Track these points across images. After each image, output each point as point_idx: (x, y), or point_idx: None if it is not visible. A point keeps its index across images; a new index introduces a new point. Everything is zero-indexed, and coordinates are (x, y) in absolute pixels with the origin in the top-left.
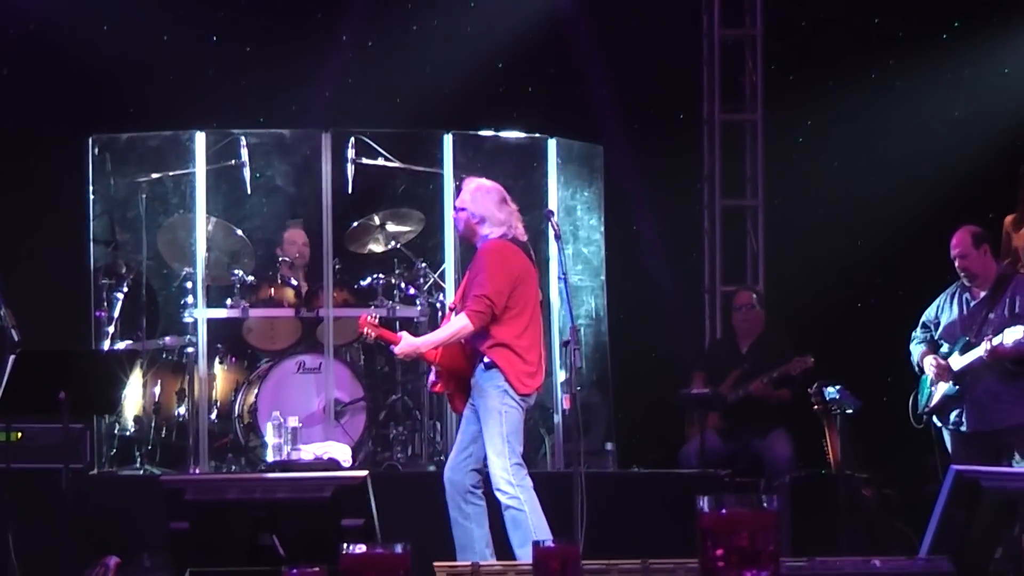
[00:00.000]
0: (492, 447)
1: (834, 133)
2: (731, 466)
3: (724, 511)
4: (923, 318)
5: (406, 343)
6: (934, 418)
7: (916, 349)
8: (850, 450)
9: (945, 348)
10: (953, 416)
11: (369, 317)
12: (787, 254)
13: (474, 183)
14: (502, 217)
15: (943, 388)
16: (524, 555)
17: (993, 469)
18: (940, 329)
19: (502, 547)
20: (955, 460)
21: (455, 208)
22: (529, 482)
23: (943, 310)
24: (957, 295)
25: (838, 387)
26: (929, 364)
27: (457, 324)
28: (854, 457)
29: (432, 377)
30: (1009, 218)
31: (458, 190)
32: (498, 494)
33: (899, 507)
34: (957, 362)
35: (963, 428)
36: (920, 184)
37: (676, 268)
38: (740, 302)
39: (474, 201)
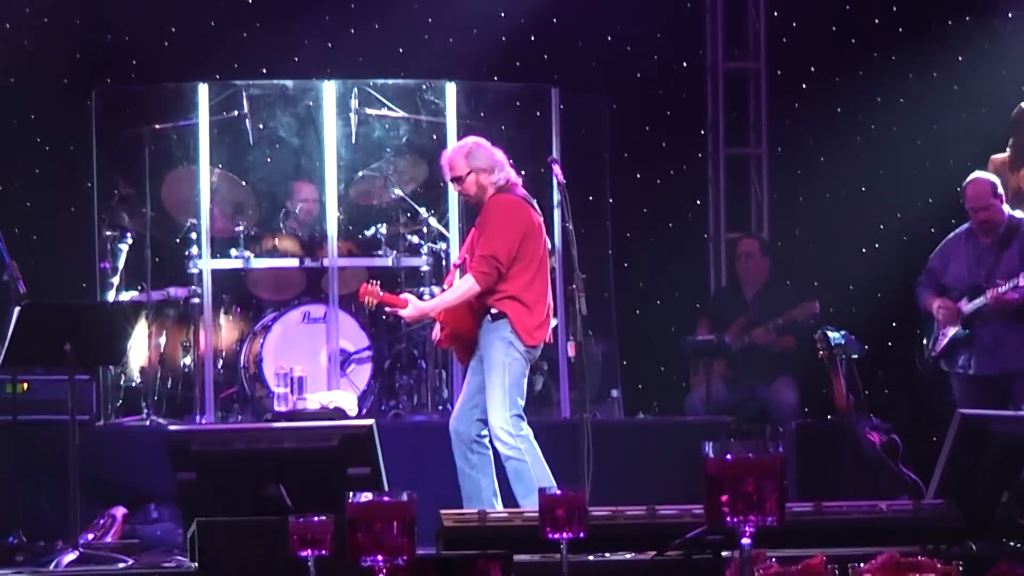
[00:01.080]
0: (492, 398)
1: (838, 80)
2: (737, 413)
3: (729, 457)
4: (929, 263)
5: (413, 307)
6: (941, 362)
7: (923, 293)
8: (855, 396)
9: (954, 293)
10: (961, 360)
11: (369, 285)
12: (791, 201)
13: (459, 147)
14: (503, 161)
15: (952, 332)
16: (528, 506)
17: (999, 413)
18: (948, 274)
19: (507, 499)
20: (962, 405)
21: (455, 180)
22: (529, 432)
23: (951, 255)
24: (964, 240)
25: (843, 333)
26: (938, 307)
27: (464, 285)
28: (860, 403)
29: (436, 332)
30: (999, 157)
31: (449, 168)
32: (498, 444)
33: (905, 452)
34: (966, 306)
35: (971, 372)
36: (923, 130)
37: (680, 216)
38: (743, 249)
39: (474, 159)
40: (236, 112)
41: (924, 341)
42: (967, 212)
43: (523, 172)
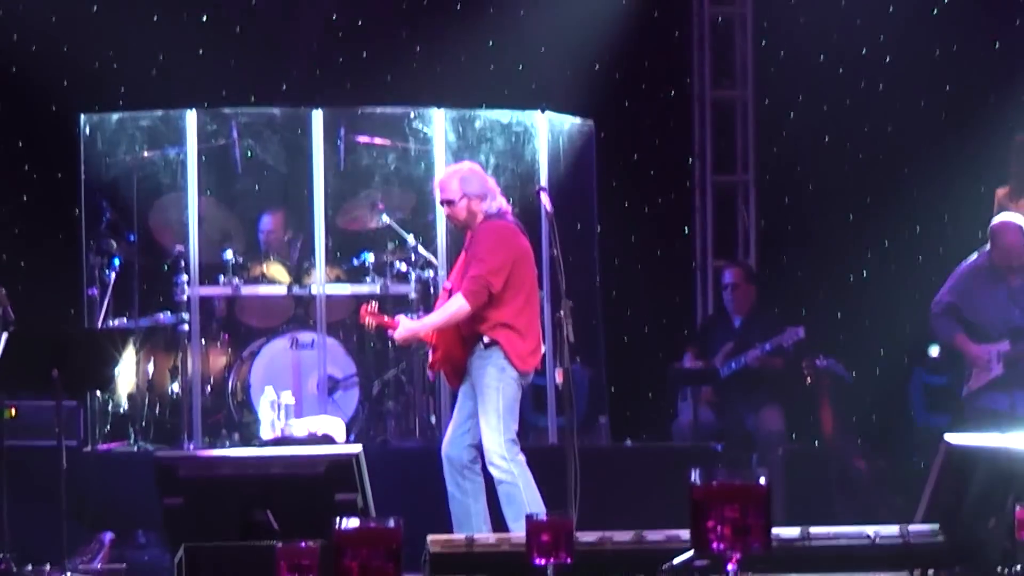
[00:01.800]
0: (487, 423)
1: (825, 108)
2: (724, 439)
3: (716, 484)
4: (948, 296)
5: (404, 328)
6: (977, 399)
7: (947, 327)
8: (843, 422)
9: (983, 331)
10: (1001, 399)
11: (369, 307)
12: (778, 229)
13: (455, 171)
14: (496, 189)
15: (993, 374)
16: (518, 530)
17: (986, 440)
18: (974, 311)
19: (498, 523)
20: None
21: (447, 203)
22: (522, 458)
23: (974, 291)
24: (986, 276)
25: (830, 360)
26: (975, 356)
27: (453, 306)
28: (847, 428)
29: (431, 358)
30: (1002, 191)
31: (442, 190)
32: (491, 469)
33: (892, 478)
34: (1007, 347)
35: (1018, 412)
36: (911, 158)
37: (668, 244)
38: (728, 281)
39: (468, 184)
40: (224, 139)
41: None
42: (995, 252)
43: (511, 199)
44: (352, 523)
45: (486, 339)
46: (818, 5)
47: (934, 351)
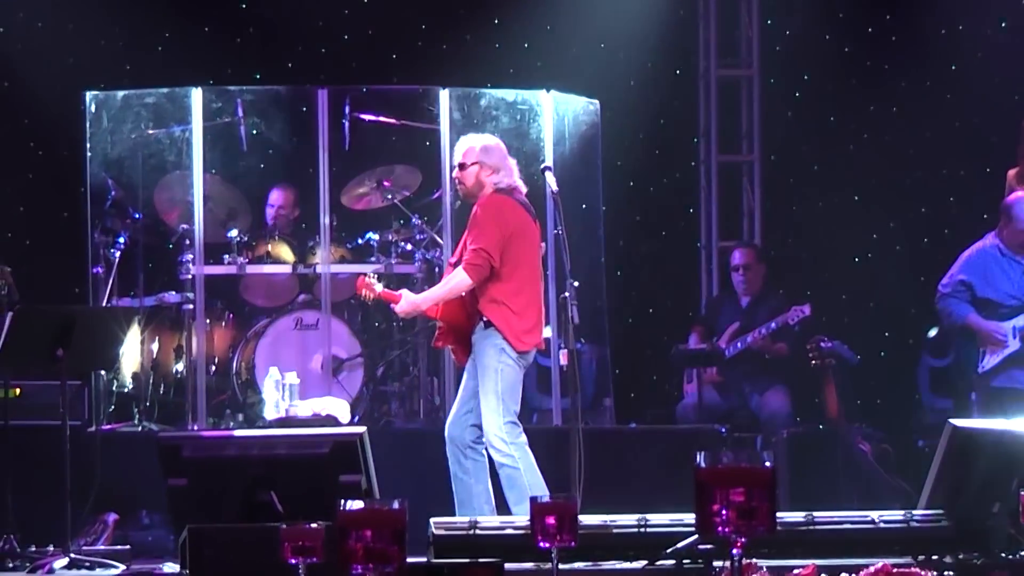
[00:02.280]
0: (487, 404)
1: (831, 88)
2: (729, 421)
3: (721, 466)
4: (960, 276)
5: (406, 301)
6: (991, 379)
7: (959, 308)
8: (848, 404)
9: (999, 311)
10: (1016, 375)
11: (367, 278)
12: (783, 209)
13: (478, 138)
14: (513, 169)
15: (1008, 351)
16: (520, 513)
17: (991, 423)
18: (989, 290)
19: (502, 505)
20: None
21: (459, 165)
22: (524, 440)
23: (988, 270)
24: (1000, 255)
25: (836, 342)
26: (988, 335)
27: (455, 279)
28: (852, 411)
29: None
30: (1012, 172)
31: (461, 153)
32: (492, 451)
33: (897, 461)
34: (1021, 323)
35: None
36: (917, 139)
37: (673, 224)
38: (740, 262)
39: (486, 153)
40: (229, 118)
41: (960, 358)
42: (1008, 228)
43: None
44: (356, 505)
45: (484, 318)
46: None
47: (933, 332)
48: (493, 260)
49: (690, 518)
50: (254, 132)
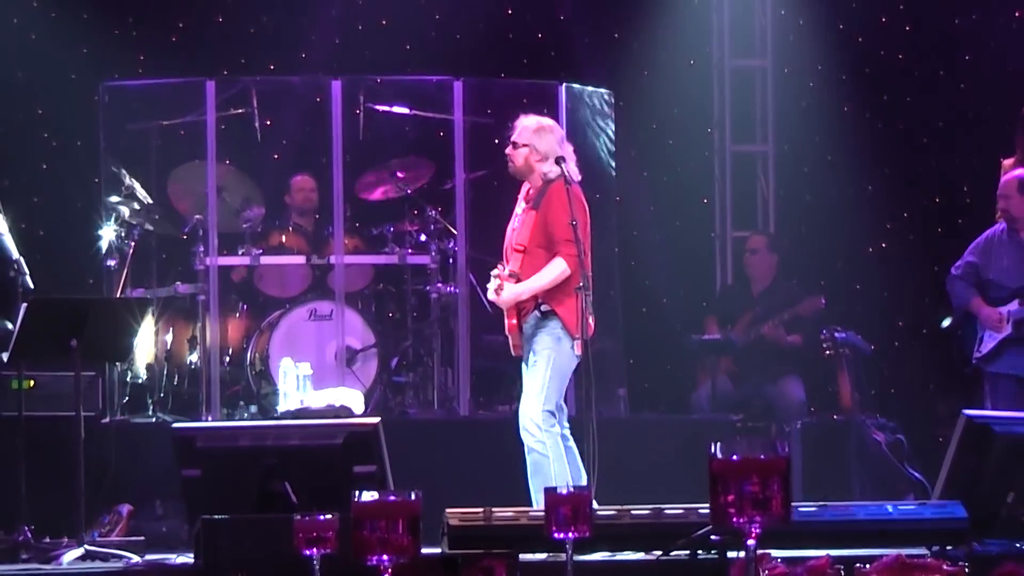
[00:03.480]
0: (530, 387)
1: (844, 78)
2: (743, 411)
3: (736, 457)
4: (969, 257)
5: (509, 292)
6: (985, 363)
7: (963, 290)
8: (862, 395)
9: (999, 292)
10: (1012, 361)
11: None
12: (797, 199)
13: (535, 120)
14: (563, 157)
15: (1002, 334)
16: (541, 501)
17: (1005, 414)
18: (991, 270)
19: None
20: (1011, 407)
21: (512, 143)
22: (557, 430)
23: (994, 252)
24: (1008, 238)
25: (850, 332)
26: (986, 317)
27: (556, 268)
28: (866, 402)
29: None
30: (1008, 161)
31: (509, 129)
32: (524, 435)
33: (911, 452)
34: (1015, 308)
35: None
36: (931, 129)
37: (687, 214)
38: (751, 246)
39: (540, 138)
40: (243, 108)
41: (962, 340)
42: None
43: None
44: (370, 495)
45: (544, 307)
46: None
47: (946, 323)
48: (584, 254)
49: (704, 508)
50: (268, 123)
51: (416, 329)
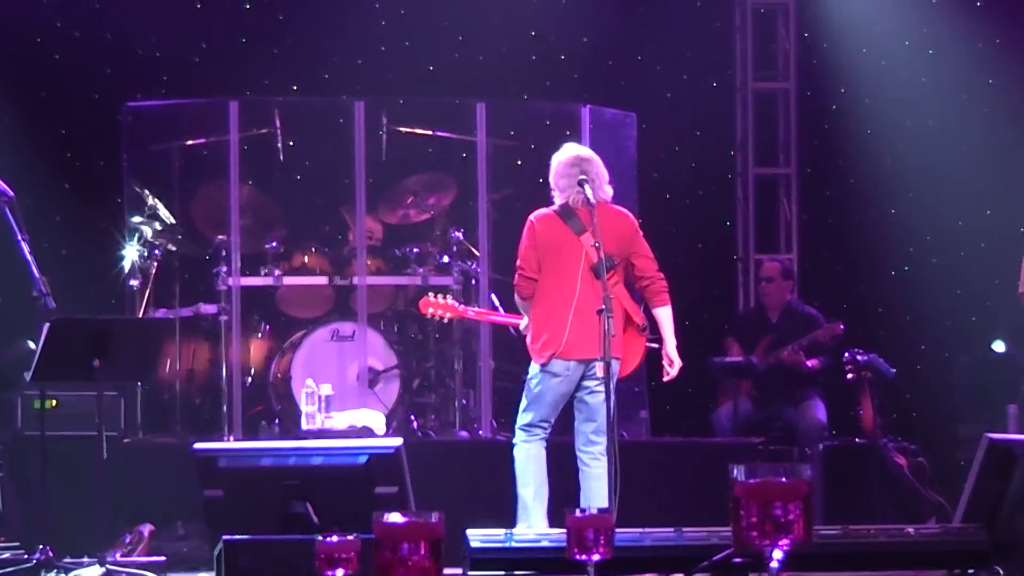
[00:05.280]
0: None
1: (868, 101)
2: (764, 434)
3: (757, 480)
4: None
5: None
6: None
7: None
8: (884, 418)
9: None
10: None
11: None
12: (820, 222)
13: (554, 156)
14: (562, 184)
15: None
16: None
17: None
18: None
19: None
20: None
21: None
22: (528, 447)
23: None
24: None
25: (872, 355)
26: None
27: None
28: (888, 425)
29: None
30: None
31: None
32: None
33: (933, 476)
34: None
35: None
36: (953, 152)
37: (709, 236)
38: (764, 274)
39: (552, 168)
40: (266, 129)
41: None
42: None
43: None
44: (393, 517)
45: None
46: None
47: (999, 346)
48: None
49: (726, 531)
50: (291, 143)
51: (438, 350)
